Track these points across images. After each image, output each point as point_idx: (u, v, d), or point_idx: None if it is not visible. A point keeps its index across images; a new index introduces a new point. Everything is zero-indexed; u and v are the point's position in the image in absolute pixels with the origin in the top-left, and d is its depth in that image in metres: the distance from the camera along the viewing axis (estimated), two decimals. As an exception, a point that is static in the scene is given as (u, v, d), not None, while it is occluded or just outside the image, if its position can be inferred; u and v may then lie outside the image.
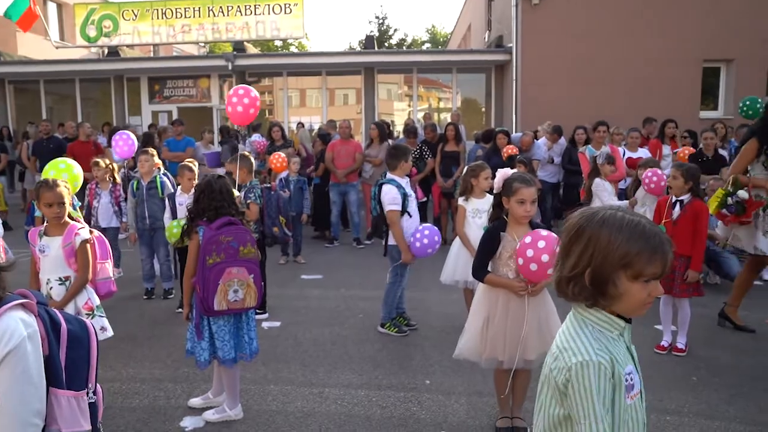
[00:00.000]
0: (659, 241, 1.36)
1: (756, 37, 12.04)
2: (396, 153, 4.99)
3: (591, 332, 1.43)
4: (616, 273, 1.37)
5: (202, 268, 3.22)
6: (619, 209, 1.42)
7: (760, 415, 3.61)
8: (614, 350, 1.42)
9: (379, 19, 35.55)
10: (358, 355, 4.60)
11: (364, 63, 14.55)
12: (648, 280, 1.37)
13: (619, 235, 1.36)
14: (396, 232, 4.82)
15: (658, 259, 1.36)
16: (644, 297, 1.39)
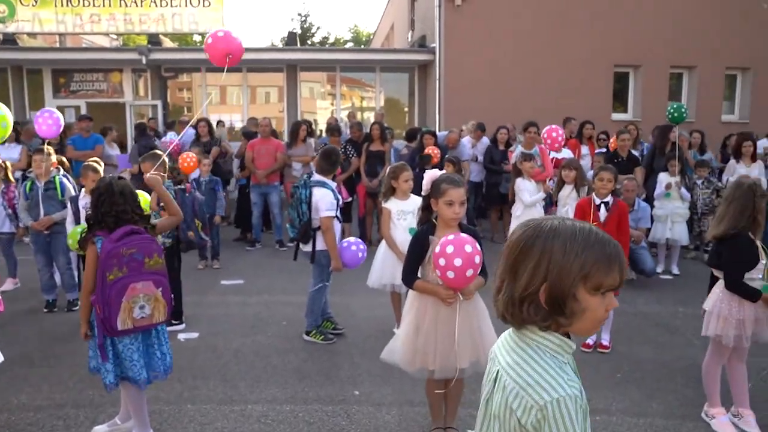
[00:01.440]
0: (614, 248, 1.25)
1: (660, 43, 12.73)
2: (335, 159, 4.83)
3: (551, 360, 1.28)
4: (576, 287, 1.23)
5: (101, 285, 2.85)
6: (564, 219, 1.30)
7: (680, 409, 3.70)
8: (580, 379, 1.30)
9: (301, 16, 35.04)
10: (282, 366, 4.36)
11: (287, 60, 14.16)
12: (605, 291, 1.25)
13: (574, 244, 1.23)
14: (330, 238, 4.62)
15: (616, 268, 1.25)
16: (602, 313, 1.27)
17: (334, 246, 4.63)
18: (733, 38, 12.96)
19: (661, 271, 7.24)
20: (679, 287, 6.55)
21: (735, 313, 3.26)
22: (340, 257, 4.67)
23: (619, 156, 7.42)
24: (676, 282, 6.92)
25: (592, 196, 4.93)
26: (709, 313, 3.39)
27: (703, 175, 7.83)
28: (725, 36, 12.92)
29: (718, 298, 3.36)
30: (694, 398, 3.78)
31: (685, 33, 12.75)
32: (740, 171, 8.13)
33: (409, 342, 3.04)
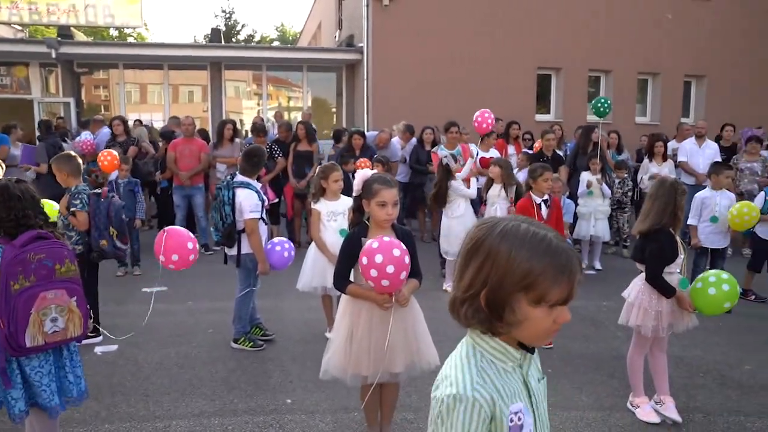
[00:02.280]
0: (567, 258, 1.16)
1: (579, 48, 13.26)
2: (258, 161, 4.65)
3: (479, 362, 1.23)
4: (515, 296, 1.17)
5: (5, 296, 2.54)
6: (525, 220, 1.22)
7: (608, 399, 3.81)
8: (503, 385, 1.22)
9: (226, 13, 34.08)
10: (209, 377, 4.14)
11: (210, 58, 13.69)
12: (553, 304, 1.17)
13: (521, 250, 1.16)
14: (255, 241, 4.45)
15: (565, 280, 1.16)
16: (549, 324, 1.19)
17: (259, 248, 4.47)
18: (644, 45, 13.70)
19: (585, 266, 7.50)
20: (602, 282, 6.79)
21: (654, 305, 3.39)
22: (267, 260, 4.50)
23: (544, 155, 7.63)
24: (599, 277, 7.18)
25: (531, 195, 4.97)
26: (630, 303, 3.51)
27: (622, 176, 8.20)
28: (637, 43, 13.63)
29: (639, 290, 3.48)
30: (620, 389, 3.91)
31: (601, 39, 13.35)
32: (653, 169, 8.58)
33: (343, 348, 2.93)
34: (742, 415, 3.59)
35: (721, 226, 5.72)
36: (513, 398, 1.23)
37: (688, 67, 14.14)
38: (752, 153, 8.28)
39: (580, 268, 1.19)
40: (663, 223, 3.36)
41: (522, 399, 1.25)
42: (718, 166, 5.95)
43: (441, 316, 5.69)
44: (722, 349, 4.77)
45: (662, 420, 3.47)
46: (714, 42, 13.93)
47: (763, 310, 5.93)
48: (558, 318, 1.19)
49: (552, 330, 1.21)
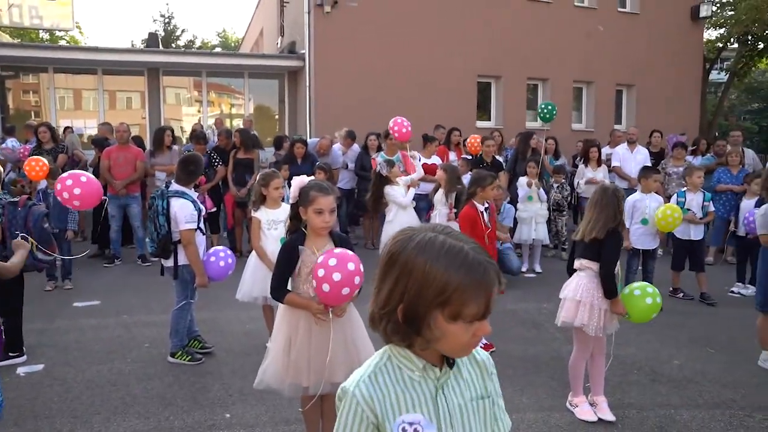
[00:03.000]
0: (484, 272, 1.12)
1: (517, 57, 13.63)
2: (194, 169, 4.49)
3: (380, 363, 1.24)
4: (432, 312, 1.13)
5: None
6: (443, 231, 1.19)
7: (548, 400, 3.88)
8: (398, 390, 1.20)
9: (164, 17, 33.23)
10: (143, 394, 3.97)
11: (147, 63, 13.27)
12: (472, 319, 1.14)
13: (437, 264, 1.12)
14: (192, 252, 4.30)
15: (482, 296, 1.12)
16: (468, 338, 1.16)
17: (196, 260, 4.33)
18: (579, 55, 14.24)
19: (525, 270, 7.67)
20: (542, 284, 6.95)
21: (598, 303, 3.49)
22: (205, 271, 4.37)
23: (484, 161, 7.77)
24: (539, 279, 7.36)
25: (474, 203, 4.93)
26: (576, 301, 3.56)
27: (560, 181, 8.45)
28: (572, 53, 14.14)
29: (585, 288, 3.55)
30: (559, 389, 3.99)
31: (539, 49, 13.77)
32: (588, 174, 8.90)
33: (280, 358, 2.87)
34: (671, 408, 3.73)
35: (651, 227, 5.97)
36: (410, 408, 1.20)
37: (619, 76, 14.78)
38: (678, 158, 8.70)
39: (498, 280, 1.16)
40: (615, 226, 3.50)
41: (425, 411, 1.21)
42: (647, 171, 6.21)
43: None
44: (654, 346, 4.96)
45: (599, 418, 3.57)
46: (642, 53, 14.63)
47: (690, 308, 6.21)
48: (477, 331, 1.16)
49: (472, 343, 1.19)
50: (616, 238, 3.55)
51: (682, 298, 6.48)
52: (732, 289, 6.80)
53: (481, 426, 1.29)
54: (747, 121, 29.03)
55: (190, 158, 4.62)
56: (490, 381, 1.35)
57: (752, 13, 16.02)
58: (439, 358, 1.25)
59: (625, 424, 3.53)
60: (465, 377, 1.30)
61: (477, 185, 4.79)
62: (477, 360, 1.35)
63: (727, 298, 6.57)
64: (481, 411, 1.30)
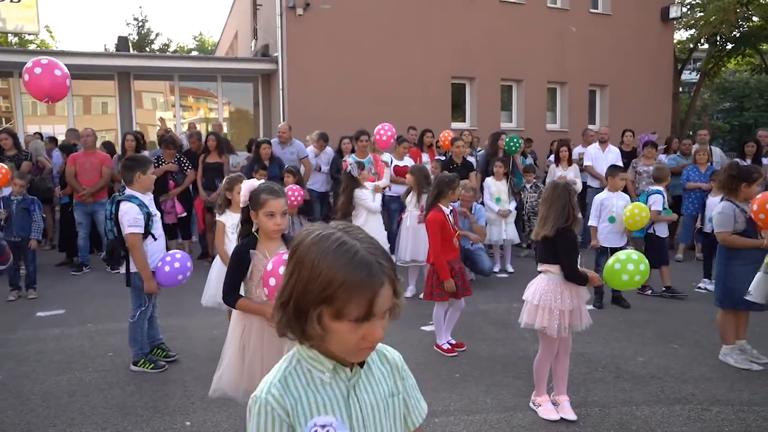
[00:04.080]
0: (369, 272, 1.10)
1: (492, 58, 13.70)
2: (131, 164, 4.34)
3: (289, 367, 1.22)
4: (316, 308, 1.12)
5: None
6: (343, 228, 1.17)
7: (512, 400, 3.87)
8: (309, 393, 1.19)
9: (138, 21, 32.82)
10: (103, 404, 3.88)
11: (118, 67, 13.07)
12: (358, 320, 1.11)
13: (325, 259, 1.11)
14: (137, 257, 4.21)
15: (364, 296, 1.09)
16: (355, 340, 1.13)
17: (143, 266, 4.23)
18: (552, 56, 14.36)
19: (498, 270, 7.69)
20: (514, 284, 6.96)
21: (558, 305, 3.48)
22: (152, 277, 4.28)
23: (454, 162, 7.77)
24: (510, 279, 7.38)
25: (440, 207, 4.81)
26: (535, 305, 3.57)
27: (531, 180, 8.49)
28: (545, 54, 14.26)
29: (543, 292, 3.55)
30: (524, 388, 3.99)
31: (512, 50, 13.86)
32: (558, 173, 8.97)
33: (234, 364, 2.82)
34: (633, 405, 3.75)
35: (618, 225, 6.01)
36: (322, 410, 1.19)
37: (592, 77, 14.93)
38: (649, 157, 8.80)
39: (388, 282, 1.13)
40: (566, 223, 3.48)
41: (337, 413, 1.20)
42: (614, 169, 6.26)
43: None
44: (620, 343, 4.99)
45: (561, 417, 3.57)
46: (614, 54, 14.81)
47: (658, 304, 6.27)
48: (367, 335, 1.14)
49: (363, 347, 1.16)
50: (567, 235, 3.51)
51: (651, 295, 6.54)
52: (698, 285, 6.88)
53: (391, 423, 1.30)
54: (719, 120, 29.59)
55: (129, 158, 4.57)
56: (400, 379, 1.36)
57: (720, 15, 16.34)
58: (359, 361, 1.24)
59: (587, 422, 3.53)
60: (376, 376, 1.30)
61: (443, 188, 4.76)
62: (388, 358, 1.36)
63: (694, 294, 6.65)
64: (391, 409, 1.31)
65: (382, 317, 1.15)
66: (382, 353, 1.36)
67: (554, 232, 3.48)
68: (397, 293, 1.17)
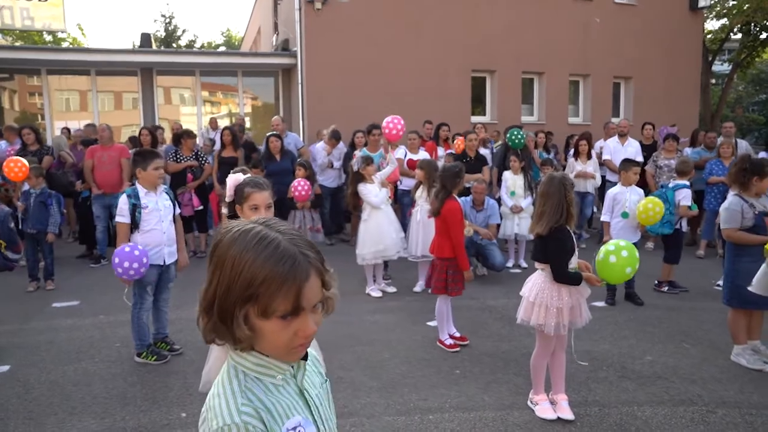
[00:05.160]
0: (293, 264, 1.06)
1: (513, 50, 13.50)
2: (135, 160, 4.47)
3: (242, 383, 1.13)
4: (241, 308, 1.06)
5: None
6: (264, 222, 1.13)
7: (510, 398, 3.81)
8: (273, 402, 1.14)
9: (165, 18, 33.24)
10: (104, 394, 3.95)
11: (140, 63, 13.28)
12: (288, 316, 1.07)
13: (245, 255, 1.06)
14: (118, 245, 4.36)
15: (290, 290, 1.05)
16: (288, 338, 1.09)
17: None
18: (575, 48, 14.07)
19: (511, 265, 7.59)
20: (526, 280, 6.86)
21: (555, 302, 3.39)
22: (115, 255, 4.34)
23: (467, 156, 7.68)
24: (523, 275, 7.23)
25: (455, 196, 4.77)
26: (531, 302, 3.50)
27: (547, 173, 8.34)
28: (568, 45, 13.98)
29: (539, 289, 3.48)
30: (523, 386, 3.92)
31: (533, 42, 13.63)
32: (578, 167, 8.81)
33: (221, 359, 2.83)
34: (635, 406, 3.65)
35: (631, 220, 5.86)
36: (288, 413, 1.14)
37: (616, 69, 14.59)
38: (669, 150, 8.56)
39: (315, 273, 1.09)
40: (560, 221, 3.38)
41: (300, 411, 1.17)
42: (626, 163, 6.10)
43: (355, 320, 5.61)
44: (629, 341, 4.87)
45: (558, 417, 3.49)
46: (639, 45, 14.43)
47: (673, 302, 6.09)
48: (299, 331, 1.10)
49: (297, 344, 1.11)
50: (558, 235, 3.40)
51: (667, 291, 6.37)
52: (718, 283, 6.66)
53: (330, 408, 1.31)
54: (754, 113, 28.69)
55: (135, 152, 4.66)
56: (320, 366, 1.35)
57: (754, 2, 15.78)
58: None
59: (584, 422, 3.45)
60: (309, 368, 1.28)
61: (446, 182, 4.71)
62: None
63: (713, 292, 6.44)
64: (326, 395, 1.31)
65: (313, 311, 1.12)
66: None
67: (548, 231, 3.39)
68: (327, 284, 1.14)
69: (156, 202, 4.53)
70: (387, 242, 6.10)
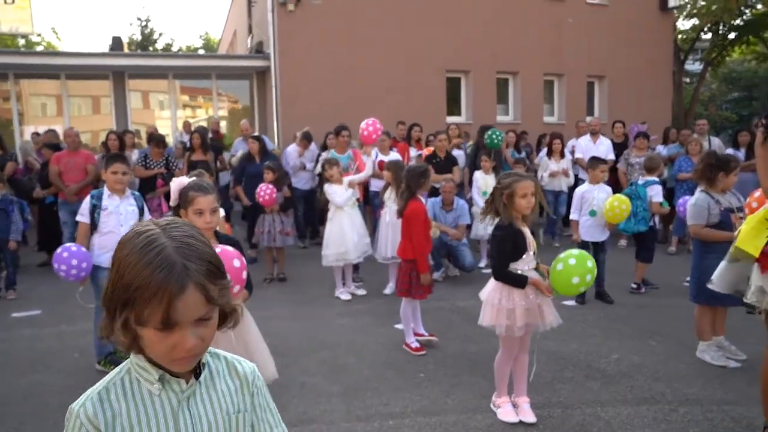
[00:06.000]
0: (168, 274, 1.00)
1: (486, 51, 13.51)
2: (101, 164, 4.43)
3: (114, 377, 1.14)
4: (122, 312, 1.04)
5: None
6: (161, 224, 1.08)
7: (473, 401, 3.75)
8: (134, 409, 1.09)
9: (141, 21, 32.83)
10: (57, 406, 3.79)
11: (112, 66, 13.06)
12: (162, 327, 1.02)
13: (129, 259, 1.03)
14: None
15: (160, 301, 0.99)
16: (166, 349, 1.04)
17: None
18: (549, 48, 14.14)
19: (483, 265, 7.55)
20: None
21: (505, 303, 3.33)
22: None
23: (437, 156, 7.64)
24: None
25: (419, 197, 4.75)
26: (485, 303, 3.46)
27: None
28: (542, 45, 14.04)
29: (491, 289, 3.43)
30: (488, 389, 3.85)
31: (508, 42, 13.66)
32: (552, 166, 8.82)
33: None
34: (598, 406, 3.61)
35: (599, 219, 5.85)
36: (146, 425, 1.10)
37: (590, 68, 14.69)
38: (640, 148, 8.61)
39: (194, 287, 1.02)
40: (506, 219, 3.32)
41: (162, 428, 1.11)
42: (594, 161, 6.10)
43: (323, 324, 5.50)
44: (597, 340, 4.84)
45: (520, 420, 3.44)
46: (612, 44, 14.55)
47: (642, 300, 6.10)
48: (178, 345, 1.04)
49: (177, 357, 1.06)
50: (498, 233, 3.33)
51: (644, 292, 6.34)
52: (687, 279, 6.67)
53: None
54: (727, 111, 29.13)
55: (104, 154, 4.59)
56: (249, 395, 1.24)
57: (721, 3, 16.00)
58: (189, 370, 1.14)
59: (547, 425, 3.40)
60: (220, 390, 1.20)
61: (410, 183, 4.66)
62: (238, 372, 1.25)
63: (683, 289, 6.43)
64: (234, 426, 1.20)
65: (197, 324, 1.05)
66: (233, 365, 1.25)
67: (493, 228, 3.35)
68: (212, 300, 1.06)
69: (118, 205, 4.47)
70: (348, 245, 6.04)
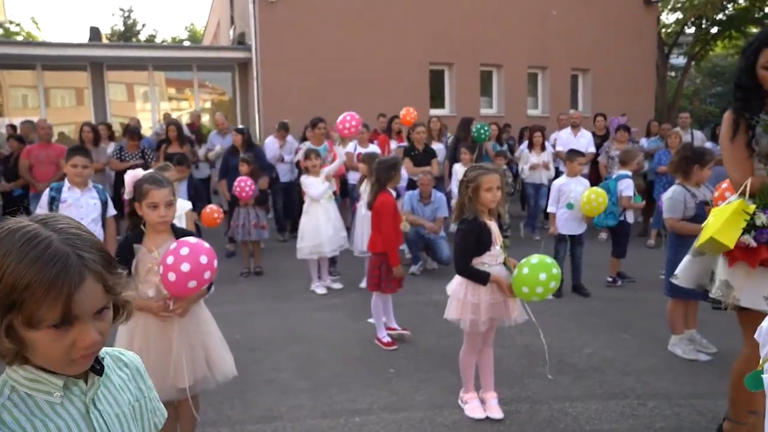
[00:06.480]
0: (63, 267, 0.94)
1: (470, 43, 13.44)
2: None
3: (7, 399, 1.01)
4: (4, 318, 0.94)
5: None
6: (41, 218, 1.00)
7: (442, 397, 3.70)
8: (37, 423, 1.00)
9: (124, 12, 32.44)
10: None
11: (90, 57, 12.83)
12: (59, 325, 0.95)
13: (7, 259, 0.94)
14: None
15: (58, 296, 0.93)
16: (64, 349, 0.97)
17: None
18: (533, 40, 14.10)
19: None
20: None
21: (470, 297, 3.28)
22: None
23: (416, 149, 7.57)
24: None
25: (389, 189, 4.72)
26: (450, 297, 3.41)
27: (501, 165, 8.29)
28: (526, 38, 14.00)
29: (457, 283, 3.38)
30: (457, 385, 3.78)
31: (491, 35, 13.59)
32: (533, 159, 8.79)
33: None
34: (567, 401, 3.57)
35: (576, 212, 5.82)
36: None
37: (574, 61, 14.67)
38: (621, 141, 8.60)
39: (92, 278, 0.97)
40: (471, 213, 3.26)
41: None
42: (571, 154, 6.07)
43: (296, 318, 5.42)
44: (572, 334, 4.82)
45: (487, 416, 3.40)
46: (596, 38, 14.53)
47: (618, 293, 6.09)
48: (78, 341, 0.98)
49: (77, 356, 0.99)
50: (466, 227, 3.26)
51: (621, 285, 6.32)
52: (663, 272, 6.68)
53: (140, 429, 1.18)
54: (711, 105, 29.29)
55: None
56: (141, 381, 1.23)
57: (704, -3, 16.06)
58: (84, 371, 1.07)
59: (514, 420, 3.36)
60: (116, 383, 1.15)
61: (380, 176, 4.61)
62: (126, 362, 1.22)
63: (659, 282, 6.42)
64: (138, 414, 1.18)
65: (96, 318, 1.00)
66: (117, 358, 1.22)
67: (459, 222, 3.30)
68: (111, 289, 1.01)
69: (78, 198, 4.38)
70: (323, 238, 5.96)
